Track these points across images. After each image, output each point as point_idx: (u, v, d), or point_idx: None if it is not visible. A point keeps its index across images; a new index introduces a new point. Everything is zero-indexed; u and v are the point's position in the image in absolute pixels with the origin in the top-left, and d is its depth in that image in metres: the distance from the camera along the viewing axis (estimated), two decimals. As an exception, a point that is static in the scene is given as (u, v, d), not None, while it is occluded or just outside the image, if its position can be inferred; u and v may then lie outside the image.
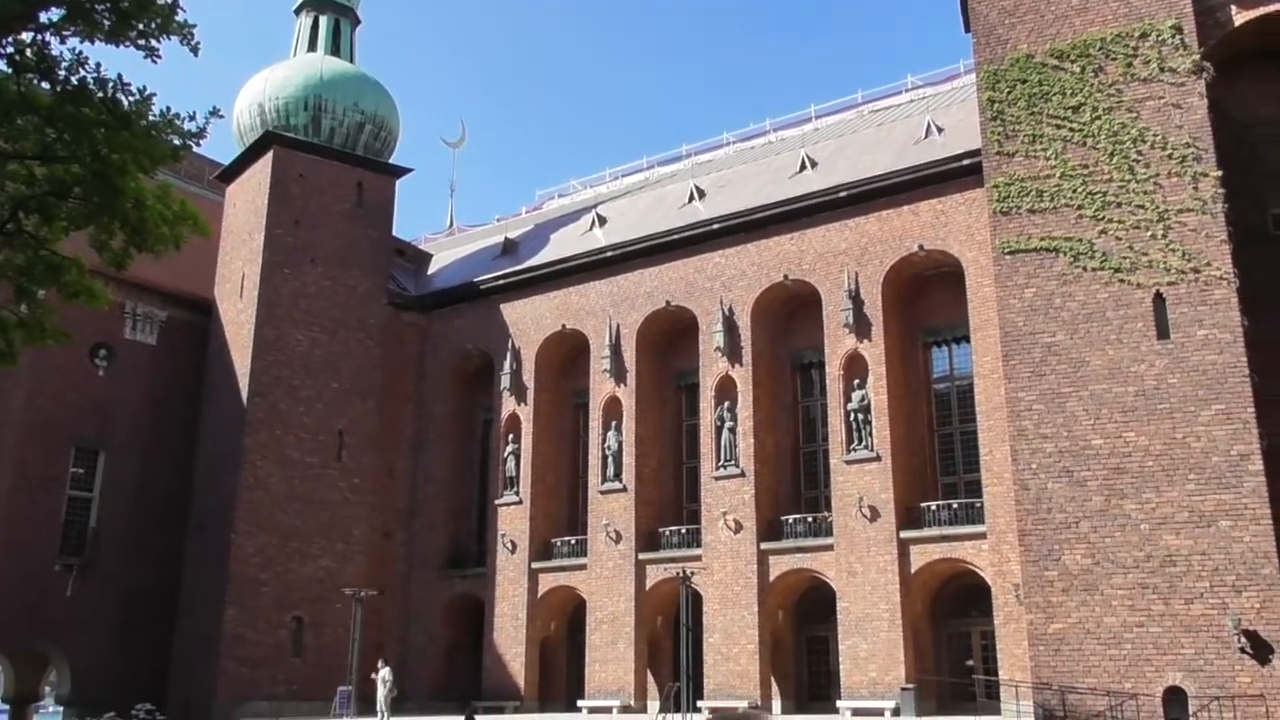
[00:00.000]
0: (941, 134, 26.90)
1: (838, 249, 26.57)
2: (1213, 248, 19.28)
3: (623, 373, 29.38)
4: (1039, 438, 19.83)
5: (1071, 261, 20.28)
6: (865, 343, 25.62)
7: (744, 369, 27.37)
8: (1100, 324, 19.85)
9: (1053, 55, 21.34)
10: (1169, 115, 20.08)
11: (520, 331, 31.67)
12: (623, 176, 37.70)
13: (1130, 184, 20.09)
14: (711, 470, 27.17)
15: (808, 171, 29.11)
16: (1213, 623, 17.84)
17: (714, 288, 28.31)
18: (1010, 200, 21.02)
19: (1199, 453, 18.58)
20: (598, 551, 28.48)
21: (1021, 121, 21.30)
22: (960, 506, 24.13)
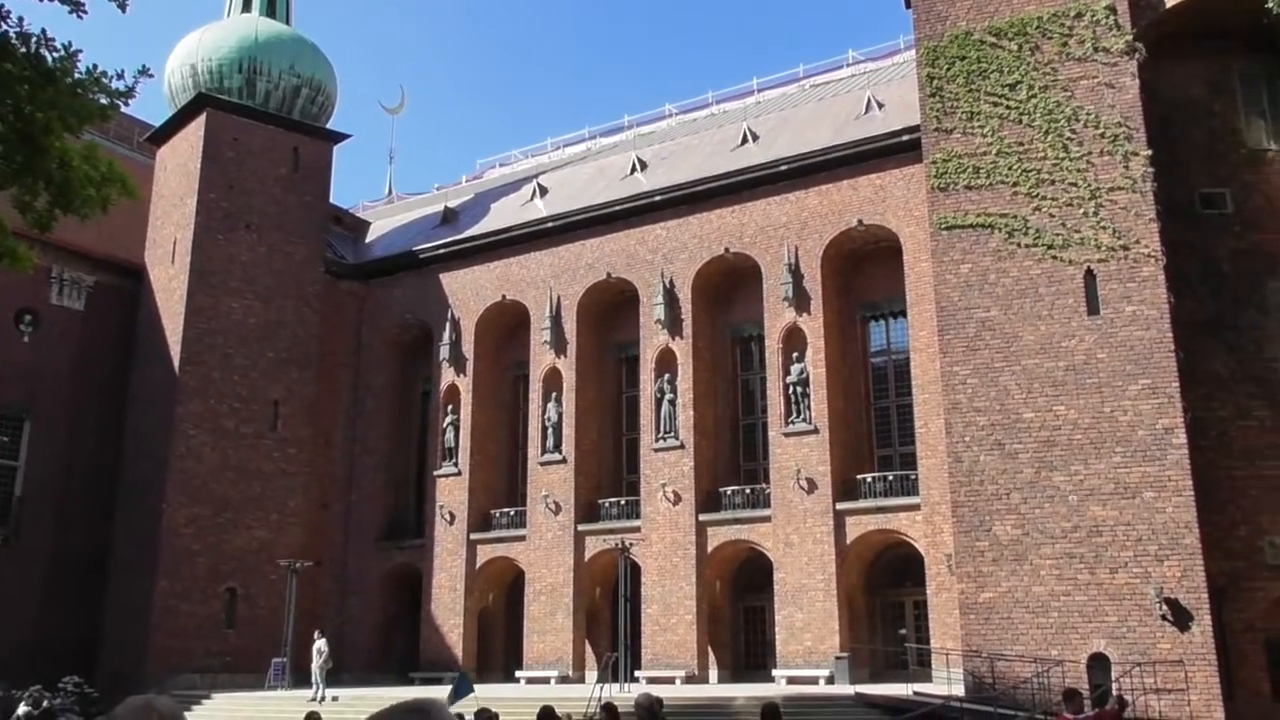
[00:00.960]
0: (882, 109, 27.12)
1: (778, 222, 26.74)
2: (1141, 226, 19.73)
3: (563, 344, 29.34)
4: (972, 411, 20.20)
5: (1006, 238, 20.61)
6: (804, 316, 25.87)
7: (684, 341, 27.50)
8: (1033, 300, 20.23)
9: (991, 33, 21.59)
10: (1102, 94, 20.46)
11: (460, 302, 31.43)
12: (564, 147, 37.50)
13: (1064, 162, 20.45)
14: (651, 442, 27.31)
15: (749, 145, 29.19)
16: (1136, 591, 18.40)
17: (655, 260, 28.34)
18: (948, 176, 21.28)
19: (1126, 426, 19.07)
20: (537, 523, 28.51)
21: (960, 98, 21.54)
22: (895, 478, 24.57)
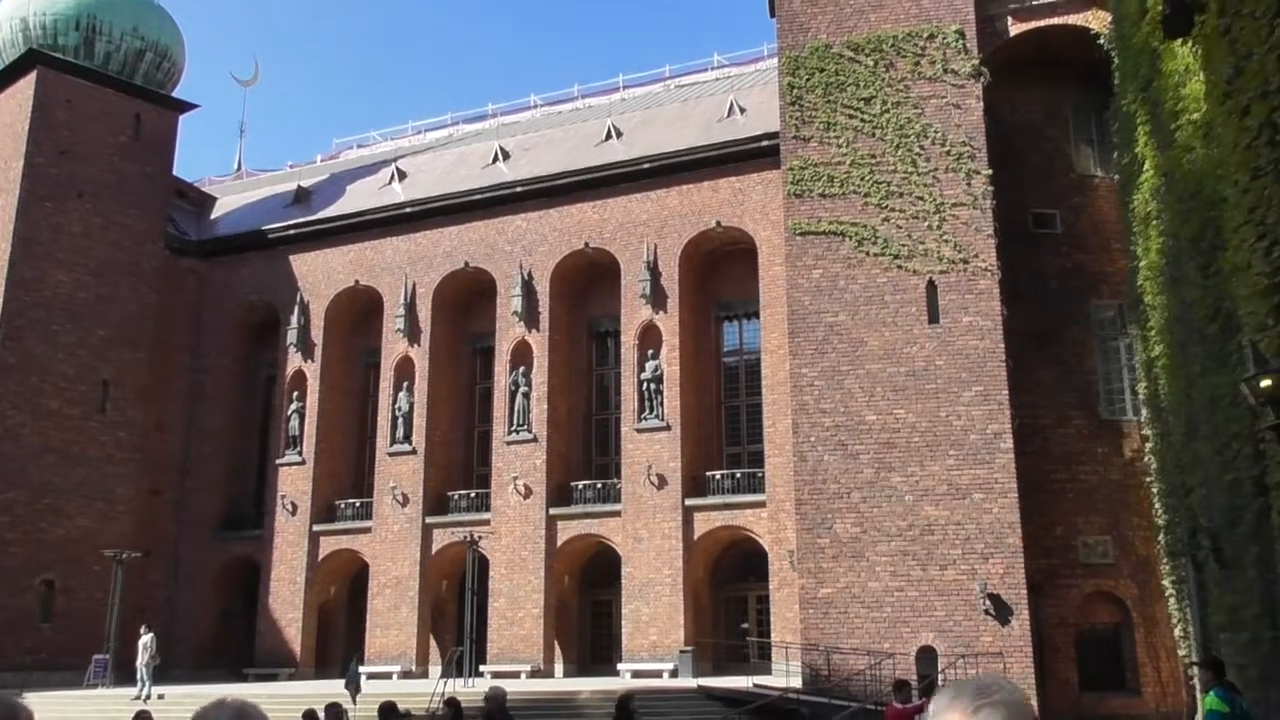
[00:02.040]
0: (744, 114, 27.86)
1: (639, 220, 27.15)
2: (980, 241, 20.95)
3: (416, 333, 29.04)
4: (818, 412, 21.03)
5: (856, 246, 21.53)
6: (661, 314, 26.36)
7: (541, 334, 27.61)
8: (879, 306, 21.21)
9: (850, 47, 22.50)
10: (949, 114, 21.62)
11: (310, 285, 30.69)
12: (426, 131, 37.05)
13: (912, 176, 21.51)
14: (503, 435, 27.33)
15: (613, 141, 29.52)
16: (963, 587, 19.55)
17: (514, 251, 28.35)
18: (804, 184, 22.07)
19: (959, 430, 20.23)
20: (383, 515, 28.14)
21: (818, 108, 22.37)
22: (743, 476, 25.32)
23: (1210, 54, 8.96)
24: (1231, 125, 8.39)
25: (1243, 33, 7.77)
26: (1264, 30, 7.30)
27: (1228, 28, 8.16)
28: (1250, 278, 8.34)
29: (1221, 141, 9.08)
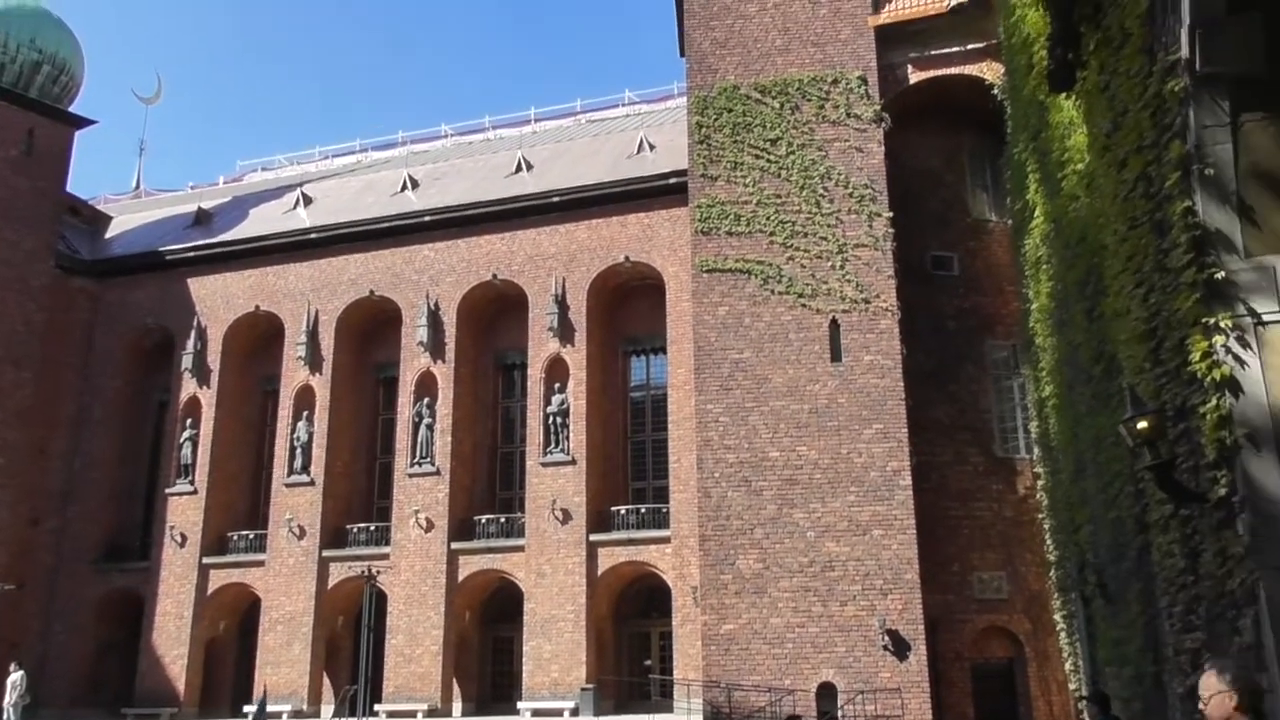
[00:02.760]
0: (653, 151, 28.16)
1: (548, 253, 27.15)
2: (881, 281, 21.48)
3: (319, 361, 28.49)
4: (723, 448, 21.20)
5: (761, 284, 21.87)
6: (568, 347, 26.32)
7: (446, 365, 27.34)
8: (783, 344, 21.54)
9: (757, 89, 22.99)
10: (852, 157, 22.20)
11: (208, 309, 29.91)
12: (334, 157, 36.58)
13: (816, 217, 21.99)
14: (406, 467, 26.90)
15: (523, 173, 29.54)
16: (862, 623, 19.81)
17: (421, 281, 28.08)
18: (711, 221, 22.37)
19: (860, 467, 20.59)
20: (278, 547, 27.39)
21: (725, 148, 22.75)
22: (648, 511, 25.34)
23: (1091, 109, 9.36)
24: (1111, 177, 8.77)
25: (1120, 90, 8.14)
26: (1138, 88, 7.66)
27: (1106, 84, 8.54)
28: (1129, 323, 8.68)
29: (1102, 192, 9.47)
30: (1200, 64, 6.80)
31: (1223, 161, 6.86)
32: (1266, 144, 6.80)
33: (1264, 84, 6.82)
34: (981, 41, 22.51)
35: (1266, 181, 6.78)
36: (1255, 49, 6.72)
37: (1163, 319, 7.72)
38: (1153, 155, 7.62)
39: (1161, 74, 7.29)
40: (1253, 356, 6.68)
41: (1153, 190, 7.68)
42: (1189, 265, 6.99)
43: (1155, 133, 7.54)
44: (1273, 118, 6.81)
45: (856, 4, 23.53)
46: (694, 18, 24.10)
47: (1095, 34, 8.82)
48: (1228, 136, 6.83)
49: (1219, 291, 6.82)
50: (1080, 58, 9.20)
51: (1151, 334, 8.07)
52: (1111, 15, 8.31)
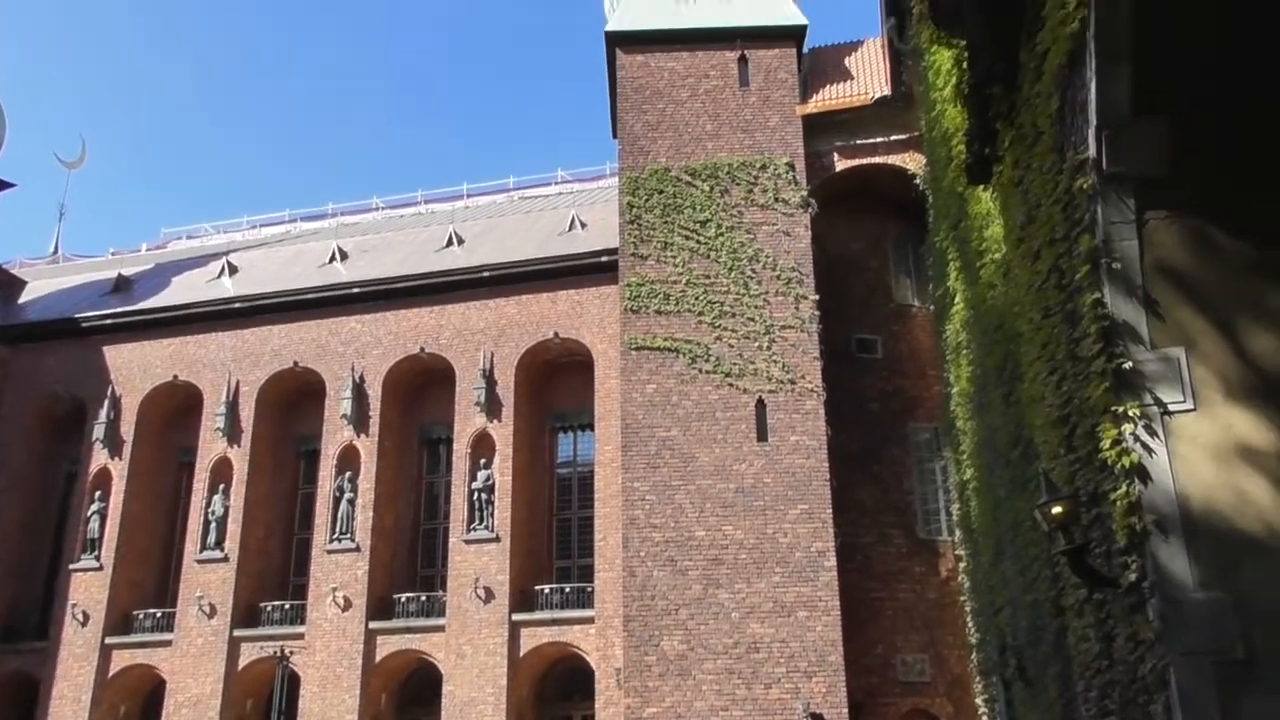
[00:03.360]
0: (585, 229, 28.44)
1: (477, 327, 27.08)
2: (807, 363, 21.81)
3: (238, 433, 27.84)
4: (649, 527, 21.11)
5: (690, 363, 22.05)
6: (495, 423, 26.13)
7: (370, 440, 26.92)
8: (710, 423, 21.66)
9: (687, 172, 23.47)
10: (780, 241, 22.69)
11: (124, 378, 29.13)
12: (262, 227, 36.23)
13: (744, 298, 22.34)
14: (324, 543, 26.26)
15: (454, 248, 29.57)
16: (786, 706, 19.67)
17: (347, 353, 27.75)
18: (640, 300, 22.58)
19: (785, 548, 20.64)
20: (187, 627, 26.39)
21: (656, 228, 23.10)
22: (572, 590, 25.00)
23: (1007, 202, 9.74)
24: (1025, 268, 9.09)
25: (1033, 185, 8.50)
26: (1050, 184, 8.00)
27: (1021, 179, 8.91)
28: (1043, 409, 8.93)
29: (1018, 282, 9.81)
30: (1107, 164, 7.13)
31: (1129, 257, 7.17)
32: (1170, 241, 7.13)
33: (1167, 184, 7.17)
34: (905, 133, 23.34)
35: (1170, 277, 7.09)
36: (1159, 151, 7.08)
37: (1075, 406, 7.96)
38: (1064, 248, 7.93)
39: (1071, 172, 7.63)
40: (1160, 445, 6.91)
41: (1064, 282, 7.98)
42: (1099, 355, 7.25)
43: (1066, 227, 7.85)
44: (1175, 217, 7.15)
45: (785, 93, 24.29)
46: (627, 101, 24.63)
47: (1010, 131, 9.21)
48: (1133, 233, 7.15)
49: (1127, 381, 7.07)
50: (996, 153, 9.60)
51: (1065, 420, 8.31)
52: (1025, 114, 8.69)
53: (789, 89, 24.44)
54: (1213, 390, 6.90)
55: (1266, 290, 6.97)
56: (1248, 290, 6.99)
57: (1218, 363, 6.93)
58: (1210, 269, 7.06)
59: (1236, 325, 6.94)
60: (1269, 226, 7.05)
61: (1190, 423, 6.90)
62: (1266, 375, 6.87)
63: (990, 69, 9.07)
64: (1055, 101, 7.87)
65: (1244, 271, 7.03)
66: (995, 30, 8.76)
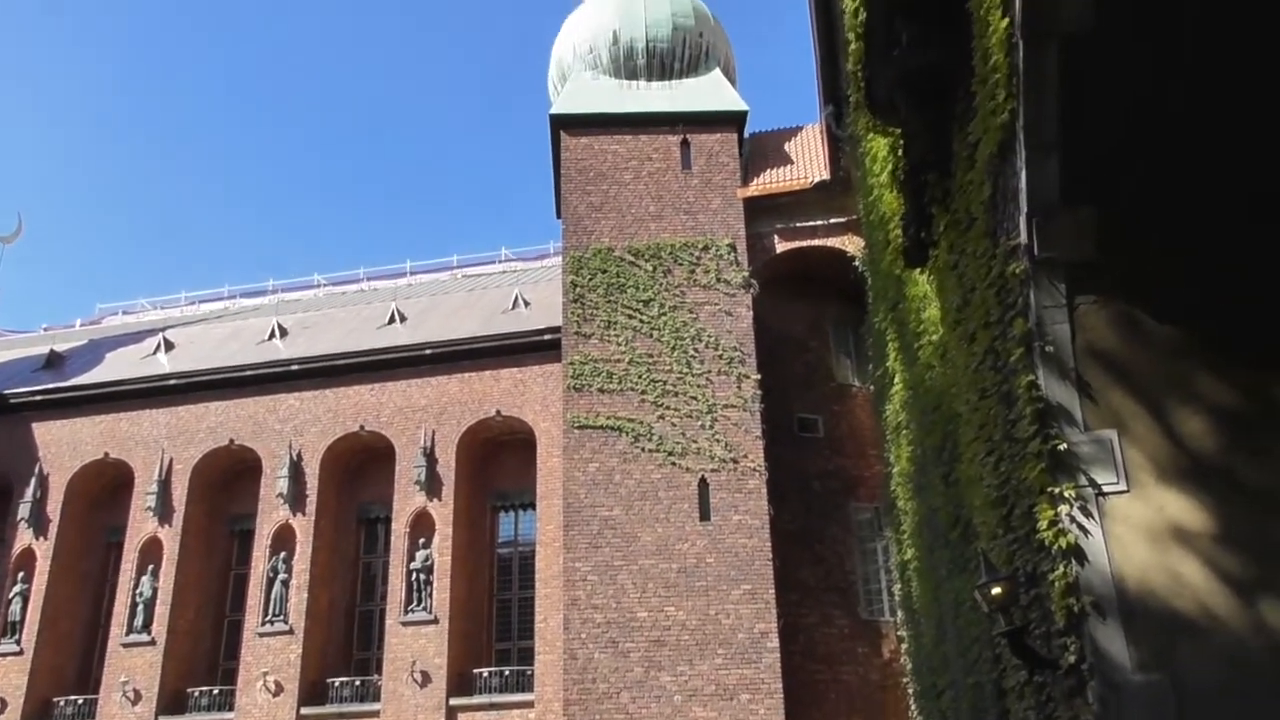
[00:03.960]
0: (528, 307, 28.44)
1: (418, 405, 26.78)
2: (749, 442, 21.83)
3: (169, 512, 27.05)
4: (590, 608, 20.77)
5: (632, 441, 21.97)
6: (435, 502, 25.71)
7: (306, 519, 26.31)
8: (653, 502, 21.51)
9: (630, 252, 23.68)
10: (722, 320, 22.88)
11: (52, 456, 28.26)
12: (200, 303, 35.74)
13: (687, 377, 22.40)
14: (257, 625, 25.43)
15: (396, 325, 29.37)
16: (729, 792, 19.22)
17: (284, 431, 27.24)
18: (583, 378, 22.54)
19: (728, 629, 20.40)
20: (109, 714, 25.26)
21: (599, 307, 23.18)
22: (512, 674, 24.41)
23: (943, 285, 9.92)
24: (962, 350, 9.22)
25: (968, 269, 8.67)
26: (984, 268, 8.16)
27: (956, 263, 9.08)
28: (981, 489, 8.98)
29: (955, 363, 9.94)
30: (1038, 250, 7.30)
31: (1061, 340, 7.30)
32: (1100, 325, 7.28)
33: (1096, 269, 7.35)
34: (843, 217, 23.80)
35: (1102, 360, 7.22)
36: (1087, 238, 7.27)
37: (1012, 486, 8.01)
38: (999, 331, 8.06)
39: (1004, 257, 7.79)
40: (1095, 526, 6.96)
41: (1000, 364, 8.09)
42: (1034, 436, 7.32)
43: (1000, 310, 7.99)
44: (1104, 301, 7.32)
45: (726, 176, 24.72)
46: (571, 182, 24.89)
47: (945, 216, 9.41)
48: (1065, 317, 7.30)
49: (1062, 462, 7.14)
50: (932, 237, 9.79)
51: (1003, 501, 8.35)
52: (959, 200, 8.89)
53: (730, 172, 24.88)
54: (1145, 472, 6.99)
55: (1193, 373, 7.12)
56: (1176, 373, 7.14)
57: (1149, 445, 7.03)
58: (1140, 352, 7.21)
59: (1166, 408, 7.07)
60: (1192, 311, 7.24)
61: (1124, 504, 6.97)
62: (1196, 457, 6.98)
63: (924, 157, 9.29)
64: (987, 189, 8.06)
65: (1171, 355, 7.18)
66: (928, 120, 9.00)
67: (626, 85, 26.77)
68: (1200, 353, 7.13)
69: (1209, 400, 7.06)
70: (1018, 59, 6.84)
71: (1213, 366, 7.11)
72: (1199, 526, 6.81)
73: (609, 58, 27.07)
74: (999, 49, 7.08)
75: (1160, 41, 6.52)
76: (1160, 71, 6.64)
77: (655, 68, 26.91)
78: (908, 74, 8.83)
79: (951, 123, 8.81)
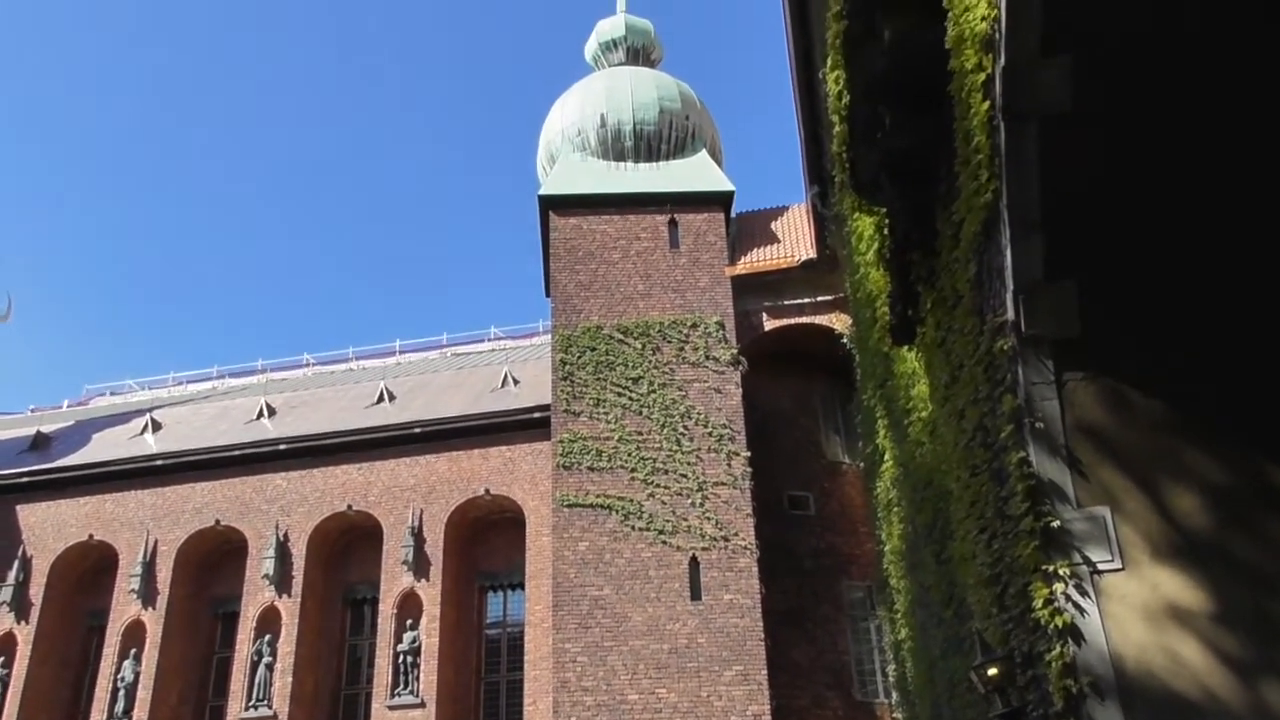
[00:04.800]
0: (517, 386, 28.39)
1: (406, 484, 26.54)
2: (740, 519, 21.63)
3: (152, 594, 26.57)
4: (580, 690, 20.34)
5: (622, 520, 21.75)
6: (423, 582, 25.33)
7: (292, 600, 25.84)
8: (643, 582, 21.21)
9: (619, 330, 23.73)
10: (711, 398, 22.84)
11: (36, 538, 27.84)
12: (188, 383, 35.59)
13: (676, 455, 22.28)
14: (240, 710, 24.80)
15: (385, 404, 29.25)
16: None
17: (271, 511, 26.92)
18: (573, 456, 22.40)
19: (720, 711, 19.95)
20: (86, 806, 24.49)
21: (588, 385, 23.14)
22: (500, 759, 23.81)
23: (931, 361, 9.92)
24: (951, 426, 9.18)
25: (955, 346, 8.67)
26: (972, 345, 8.16)
27: (943, 340, 9.09)
28: (975, 568, 8.85)
29: (945, 440, 9.89)
30: (1025, 326, 7.30)
31: (1051, 417, 7.26)
32: (1089, 401, 7.25)
33: (1083, 345, 7.34)
34: (830, 294, 23.96)
35: (1092, 436, 7.18)
36: (1073, 314, 7.27)
37: (1006, 565, 7.90)
38: (988, 407, 8.03)
39: (991, 333, 7.79)
40: (1091, 605, 6.84)
41: (990, 440, 8.04)
42: (1026, 513, 7.24)
43: (989, 387, 7.97)
44: (1092, 377, 7.30)
45: (714, 255, 24.90)
46: (560, 261, 25.04)
47: (931, 294, 9.44)
48: (1054, 394, 7.27)
49: (1056, 540, 7.05)
50: (919, 315, 9.81)
51: (996, 579, 8.23)
52: (944, 278, 8.93)
53: (718, 251, 25.08)
54: (1139, 550, 6.91)
55: (1184, 450, 7.08)
56: (1167, 449, 7.09)
57: (1143, 522, 6.96)
58: (1130, 428, 7.17)
59: (1159, 484, 7.01)
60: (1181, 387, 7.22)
61: (1120, 582, 6.87)
62: (1189, 534, 6.90)
63: (909, 236, 9.36)
64: (973, 267, 8.10)
65: (1162, 431, 7.15)
66: (912, 200, 9.09)
67: (614, 166, 27.12)
68: (1190, 429, 7.10)
69: (1201, 477, 7.01)
70: (999, 140, 6.92)
71: (1203, 443, 7.07)
72: (1196, 605, 6.71)
73: (597, 140, 27.47)
74: (980, 130, 7.17)
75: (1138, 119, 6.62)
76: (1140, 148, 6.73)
77: (643, 149, 27.29)
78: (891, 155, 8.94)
79: (936, 202, 8.90)
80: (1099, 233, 7.07)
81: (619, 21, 31.45)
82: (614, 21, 31.53)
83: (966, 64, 7.15)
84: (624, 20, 31.44)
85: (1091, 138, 6.68)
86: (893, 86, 8.50)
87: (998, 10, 6.57)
